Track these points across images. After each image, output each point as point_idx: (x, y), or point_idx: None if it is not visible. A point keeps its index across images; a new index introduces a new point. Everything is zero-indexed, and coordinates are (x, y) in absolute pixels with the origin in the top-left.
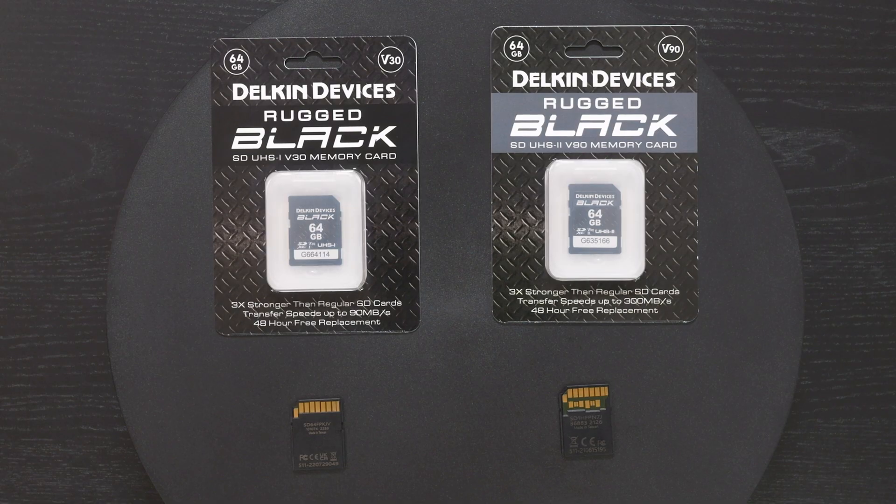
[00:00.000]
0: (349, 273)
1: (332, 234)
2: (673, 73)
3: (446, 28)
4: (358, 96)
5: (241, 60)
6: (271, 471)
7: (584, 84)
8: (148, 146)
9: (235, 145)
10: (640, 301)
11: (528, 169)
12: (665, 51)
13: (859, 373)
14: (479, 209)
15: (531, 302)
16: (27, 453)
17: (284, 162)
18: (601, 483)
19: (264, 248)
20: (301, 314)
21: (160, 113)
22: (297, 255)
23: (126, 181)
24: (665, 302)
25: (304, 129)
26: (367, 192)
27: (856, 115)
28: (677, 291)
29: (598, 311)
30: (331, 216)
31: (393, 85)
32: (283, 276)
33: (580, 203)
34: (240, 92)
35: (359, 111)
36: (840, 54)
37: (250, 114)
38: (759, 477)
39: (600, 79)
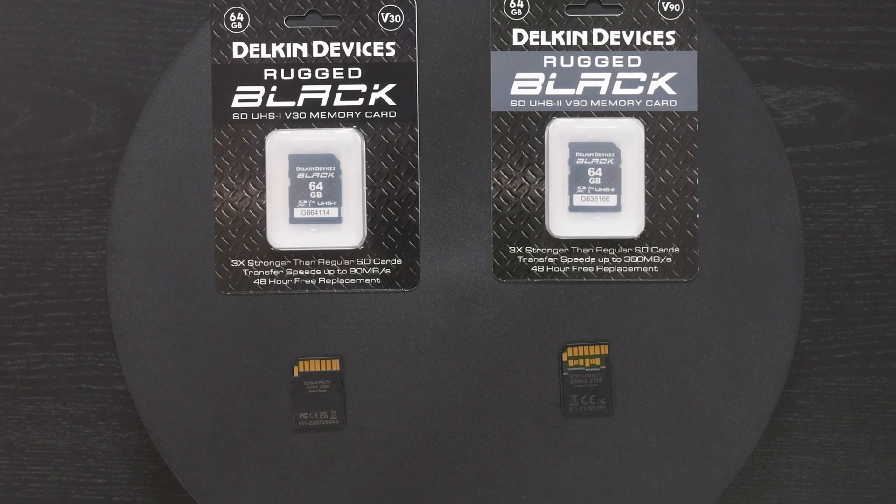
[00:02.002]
0: (349, 231)
1: (332, 192)
2: (673, 32)
3: None
4: (358, 54)
5: (241, 19)
6: (271, 429)
7: (584, 42)
8: (148, 104)
9: (235, 103)
10: (640, 259)
11: (528, 127)
12: (665, 9)
13: (859, 331)
14: (479, 167)
15: (531, 260)
16: (27, 411)
17: (284, 120)
18: (601, 441)
19: (264, 207)
20: (301, 272)
21: (160, 71)
22: (297, 213)
23: (126, 139)
24: (665, 260)
25: (304, 88)
26: (367, 151)
27: (856, 74)
28: (677, 250)
29: (598, 269)
30: (331, 174)
31: (393, 43)
32: (283, 234)
33: (580, 161)
34: (240, 50)
35: (359, 69)
36: (840, 12)
37: (250, 72)
38: (759, 435)
39: (600, 37)
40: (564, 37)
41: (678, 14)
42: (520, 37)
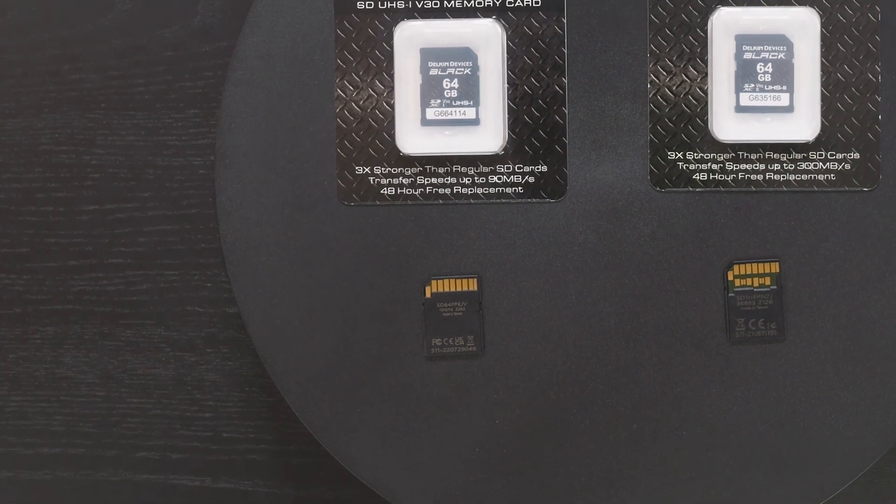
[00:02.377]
0: (488, 134)
1: (469, 90)
2: None
3: None
4: None
5: None
6: (400, 357)
7: None
8: None
9: None
10: (814, 166)
11: (690, 17)
12: None
13: None
14: (634, 62)
15: (693, 167)
16: (126, 337)
17: (415, 9)
18: (771, 370)
19: (392, 107)
20: (434, 181)
21: None
22: (430, 114)
23: (237, 31)
24: (843, 167)
25: None
26: (507, 44)
27: None
28: (857, 155)
29: (767, 177)
30: (467, 70)
31: None
32: (413, 137)
33: (748, 56)
34: None
35: None
36: None
37: None
38: None
39: None
40: None
41: None
42: None
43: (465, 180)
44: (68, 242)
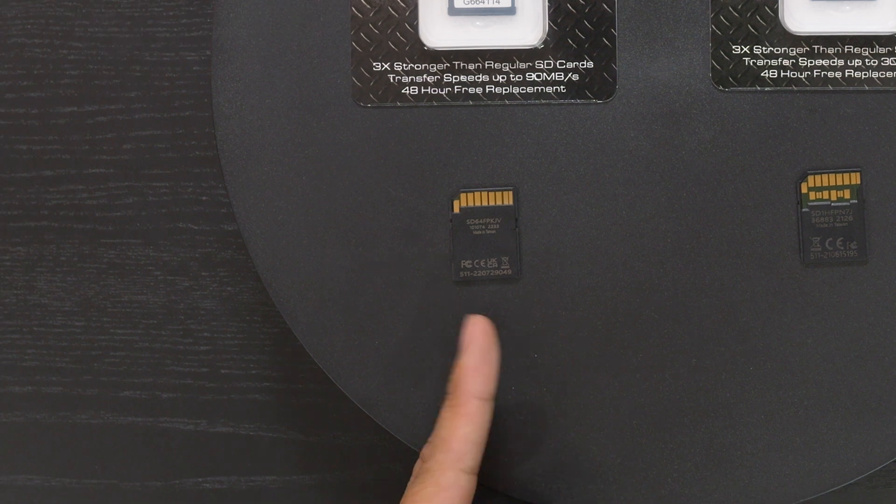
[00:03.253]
0: (525, 25)
1: None
2: None
3: None
4: None
5: None
6: (425, 281)
7: None
8: None
9: None
10: None
11: None
12: None
13: None
14: None
15: (761, 63)
16: (108, 258)
17: None
18: (850, 296)
19: None
20: (463, 79)
21: None
22: (458, 1)
23: None
24: None
25: None
26: None
27: None
28: None
29: (847, 74)
30: None
31: None
32: (440, 28)
33: None
34: None
35: None
36: None
37: None
38: None
39: None
40: None
41: None
42: None
43: (499, 78)
44: (42, 150)
